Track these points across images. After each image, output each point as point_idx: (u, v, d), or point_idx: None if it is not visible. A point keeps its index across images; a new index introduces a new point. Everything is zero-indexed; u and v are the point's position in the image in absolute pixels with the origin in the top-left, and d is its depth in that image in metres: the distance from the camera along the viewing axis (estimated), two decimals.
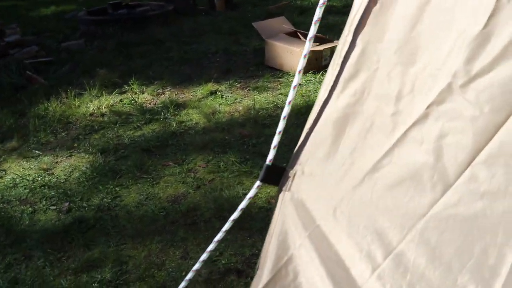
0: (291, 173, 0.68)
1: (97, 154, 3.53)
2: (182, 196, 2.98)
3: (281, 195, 0.71)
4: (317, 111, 0.66)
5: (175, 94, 4.47)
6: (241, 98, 4.27)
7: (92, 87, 4.61)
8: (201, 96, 4.38)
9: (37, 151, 3.70)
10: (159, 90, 4.58)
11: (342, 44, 0.63)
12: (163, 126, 3.87)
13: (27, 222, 2.90)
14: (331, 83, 0.65)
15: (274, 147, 0.67)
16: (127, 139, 3.72)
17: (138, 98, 4.40)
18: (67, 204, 3.02)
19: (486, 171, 0.51)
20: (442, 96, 0.55)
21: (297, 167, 0.68)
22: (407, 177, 0.57)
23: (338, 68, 0.64)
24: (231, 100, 4.24)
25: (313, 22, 0.66)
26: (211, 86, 4.47)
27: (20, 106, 4.45)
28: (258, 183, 0.67)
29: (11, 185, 3.30)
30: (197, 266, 0.75)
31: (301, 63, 0.66)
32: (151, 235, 2.62)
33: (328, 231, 0.64)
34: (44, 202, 3.07)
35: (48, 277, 2.44)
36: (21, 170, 3.47)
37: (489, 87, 0.53)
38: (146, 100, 4.38)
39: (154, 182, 3.15)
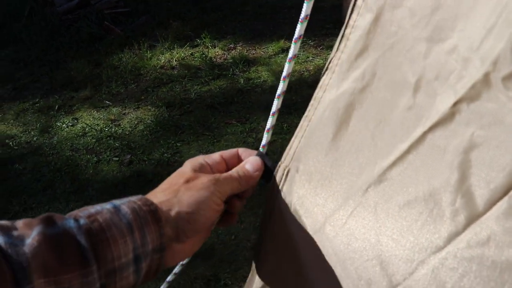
0: (284, 169, 0.55)
1: (163, 108, 3.54)
2: None
3: (271, 195, 0.58)
4: (318, 95, 0.52)
5: (246, 50, 4.35)
6: (313, 57, 4.07)
7: (165, 39, 4.60)
8: (272, 53, 4.24)
9: (107, 102, 3.79)
10: (230, 45, 4.48)
11: (350, 9, 0.47)
12: (231, 83, 3.79)
13: (91, 171, 2.99)
14: (336, 61, 0.50)
15: (268, 130, 0.55)
16: (193, 94, 3.69)
17: (209, 52, 4.34)
18: (129, 156, 3.07)
19: None
20: (476, 91, 0.40)
21: (291, 164, 0.55)
22: (421, 196, 0.43)
23: (344, 41, 0.49)
24: (303, 59, 4.06)
25: (300, 20, 0.52)
26: (283, 43, 4.30)
27: (96, 56, 4.55)
28: None
29: (80, 133, 3.41)
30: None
31: (292, 49, 0.52)
32: None
33: (323, 247, 0.51)
34: (108, 153, 3.15)
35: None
36: (91, 120, 3.57)
37: None
38: (217, 55, 4.31)
39: (215, 140, 3.11)
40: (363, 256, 0.49)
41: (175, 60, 4.25)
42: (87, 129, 3.46)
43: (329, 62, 0.52)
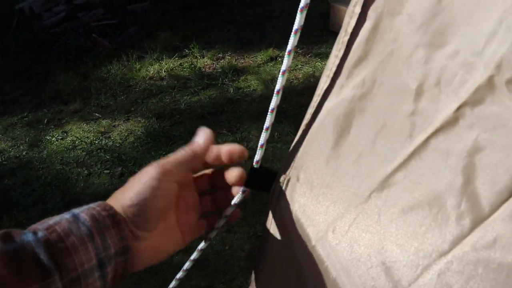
0: (284, 178, 0.55)
1: (153, 119, 3.53)
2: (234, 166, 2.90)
3: (272, 205, 0.58)
4: (317, 103, 0.51)
5: (235, 59, 4.36)
6: (302, 65, 4.09)
7: (154, 50, 4.59)
8: (261, 62, 4.24)
9: (97, 114, 3.76)
10: (219, 55, 4.48)
11: (349, 17, 0.47)
12: (220, 92, 3.79)
13: (82, 185, 2.97)
14: (334, 69, 0.49)
15: (261, 146, 0.54)
16: (183, 104, 3.69)
17: (197, 62, 4.34)
18: (120, 168, 3.05)
19: None
20: (480, 95, 0.39)
21: (291, 172, 0.54)
22: (425, 200, 0.43)
23: (343, 49, 0.49)
24: (291, 67, 4.07)
25: (293, 31, 0.51)
26: (271, 52, 4.32)
27: (84, 69, 4.52)
28: (243, 188, 0.55)
29: (70, 147, 3.38)
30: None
31: (285, 62, 0.52)
32: None
33: (326, 255, 0.51)
34: (99, 166, 3.12)
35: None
36: (81, 133, 3.54)
37: None
38: (206, 65, 4.31)
39: None
40: (367, 263, 0.48)
41: (164, 71, 4.24)
42: (77, 142, 3.44)
43: (326, 69, 0.52)
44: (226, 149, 0.58)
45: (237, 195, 0.58)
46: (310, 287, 0.54)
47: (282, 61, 4.15)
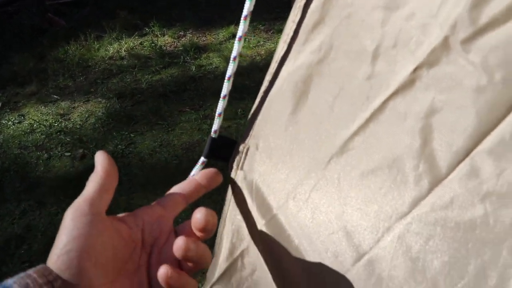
0: (243, 147, 0.54)
1: (114, 99, 3.45)
2: (197, 143, 2.89)
3: (232, 174, 0.57)
4: (274, 70, 0.50)
5: (196, 37, 4.29)
6: (264, 41, 4.06)
7: (113, 29, 4.47)
8: (222, 39, 4.19)
9: (55, 96, 3.66)
10: (180, 33, 4.40)
11: None
12: (182, 70, 3.73)
13: (42, 169, 2.89)
14: (291, 34, 0.48)
15: (219, 114, 0.53)
16: (144, 83, 3.62)
17: (158, 41, 4.25)
18: (81, 150, 2.99)
19: (492, 165, 0.36)
20: (435, 56, 0.39)
21: (250, 141, 0.53)
22: (384, 163, 0.42)
23: (299, 14, 0.48)
24: (254, 43, 4.04)
25: (242, 17, 0.50)
26: (233, 29, 4.26)
27: (40, 50, 4.37)
28: (202, 159, 0.53)
29: (28, 130, 3.28)
30: None
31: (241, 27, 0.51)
32: (162, 183, 2.55)
33: (288, 223, 0.50)
34: (59, 148, 3.05)
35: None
36: (39, 115, 3.44)
37: (504, 44, 0.36)
38: (167, 43, 4.23)
39: (170, 129, 3.07)
40: (328, 229, 0.48)
41: (124, 50, 4.14)
42: (35, 125, 3.34)
43: (283, 35, 0.51)
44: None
45: (196, 166, 0.57)
46: (274, 257, 0.54)
47: (244, 38, 4.12)
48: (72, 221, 0.43)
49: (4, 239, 2.37)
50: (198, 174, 0.52)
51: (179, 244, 0.43)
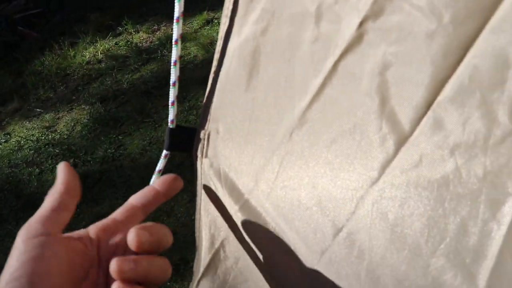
0: (203, 134, 0.51)
1: (97, 104, 3.42)
2: None
3: (198, 164, 0.54)
4: (220, 47, 0.47)
5: (171, 29, 4.21)
6: None
7: (86, 34, 4.40)
8: (197, 27, 4.13)
9: (38, 109, 3.62)
10: (154, 27, 4.33)
11: None
12: (161, 65, 3.69)
13: (35, 184, 2.87)
14: (231, 7, 0.45)
15: (172, 103, 0.50)
16: (126, 83, 3.58)
17: (133, 38, 4.19)
18: (71, 160, 2.96)
19: (455, 114, 0.33)
20: (379, 6, 0.36)
21: (210, 126, 0.50)
22: (346, 129, 0.40)
23: None
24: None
25: (175, 19, 0.47)
26: (206, 15, 4.20)
27: (17, 65, 4.31)
28: (164, 152, 0.51)
29: (16, 148, 3.25)
30: None
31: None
32: None
33: (261, 206, 0.48)
34: (50, 161, 3.02)
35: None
36: (25, 131, 3.40)
37: None
38: (142, 39, 4.17)
39: (157, 125, 3.04)
40: (302, 206, 0.46)
41: (100, 53, 4.08)
42: (22, 142, 3.30)
43: (224, 9, 0.47)
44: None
45: (160, 160, 0.54)
46: (255, 243, 0.51)
47: (218, 23, 4.04)
48: (23, 244, 0.39)
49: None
50: (156, 181, 0.49)
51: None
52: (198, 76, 3.38)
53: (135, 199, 0.48)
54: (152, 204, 0.48)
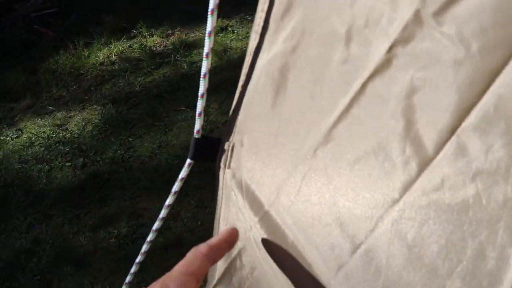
0: (228, 145, 0.53)
1: (109, 105, 3.44)
2: None
3: (220, 174, 0.55)
4: (249, 63, 0.49)
5: (185, 34, 4.27)
6: None
7: (100, 35, 4.44)
8: None
9: (50, 107, 3.65)
10: (168, 31, 4.37)
11: None
12: (174, 69, 3.71)
13: (44, 181, 2.89)
14: (262, 24, 0.47)
15: (199, 114, 0.51)
16: (138, 86, 3.60)
17: (147, 42, 4.22)
18: (81, 159, 2.98)
19: (478, 141, 0.34)
20: (409, 32, 0.37)
21: (235, 138, 0.52)
22: (370, 149, 0.41)
23: (267, 2, 0.46)
24: (243, 35, 4.01)
25: (209, 11, 0.49)
26: (220, 22, 4.23)
27: (31, 63, 4.35)
28: (188, 161, 0.52)
29: (27, 144, 3.28)
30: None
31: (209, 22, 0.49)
32: (165, 185, 2.55)
33: (281, 219, 0.49)
34: (59, 159, 3.04)
35: (68, 235, 2.44)
36: (36, 128, 3.43)
37: (479, 12, 0.35)
38: (156, 43, 4.20)
39: (167, 129, 3.06)
40: (322, 221, 0.47)
41: (114, 55, 4.12)
42: (33, 138, 3.33)
43: (254, 26, 0.49)
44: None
45: (183, 168, 0.55)
46: (273, 256, 0.52)
47: (232, 31, 4.05)
48: None
49: (14, 254, 2.38)
50: (220, 233, 0.49)
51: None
52: (210, 82, 3.39)
53: (202, 249, 0.49)
54: (217, 256, 0.48)
